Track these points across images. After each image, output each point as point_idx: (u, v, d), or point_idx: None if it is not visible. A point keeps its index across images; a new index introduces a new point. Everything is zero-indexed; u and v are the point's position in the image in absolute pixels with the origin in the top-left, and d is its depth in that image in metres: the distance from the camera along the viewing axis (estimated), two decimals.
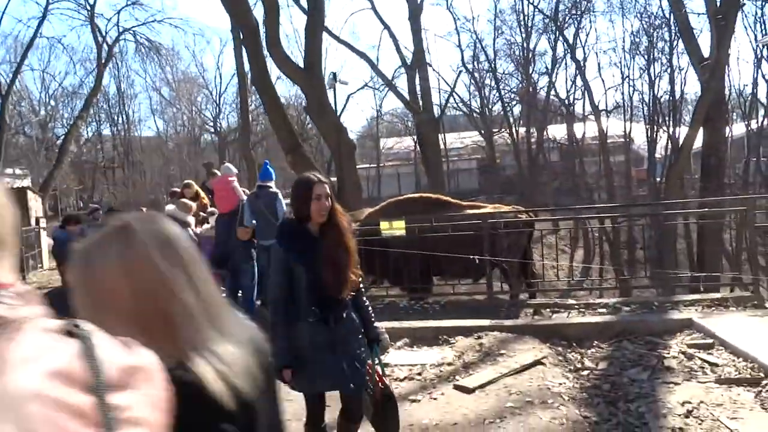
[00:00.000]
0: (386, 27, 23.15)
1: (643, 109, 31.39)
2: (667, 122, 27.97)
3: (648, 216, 11.28)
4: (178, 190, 8.73)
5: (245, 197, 6.68)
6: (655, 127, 29.45)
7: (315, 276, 2.70)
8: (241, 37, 11.47)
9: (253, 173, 20.95)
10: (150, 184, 29.59)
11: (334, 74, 10.41)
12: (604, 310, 6.46)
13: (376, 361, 3.03)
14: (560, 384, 4.54)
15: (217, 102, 38.57)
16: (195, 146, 39.76)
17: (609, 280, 20.77)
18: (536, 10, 28.19)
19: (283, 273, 2.74)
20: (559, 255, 14.86)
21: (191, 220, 7.66)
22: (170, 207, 7.77)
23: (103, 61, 23.63)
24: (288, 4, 18.72)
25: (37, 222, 17.93)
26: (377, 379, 3.01)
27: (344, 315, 2.83)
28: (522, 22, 30.00)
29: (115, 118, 37.10)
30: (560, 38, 27.38)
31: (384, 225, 7.34)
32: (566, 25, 27.72)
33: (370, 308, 3.08)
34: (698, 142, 16.03)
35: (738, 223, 8.76)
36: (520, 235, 7.31)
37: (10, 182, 21.86)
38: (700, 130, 14.96)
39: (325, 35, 24.03)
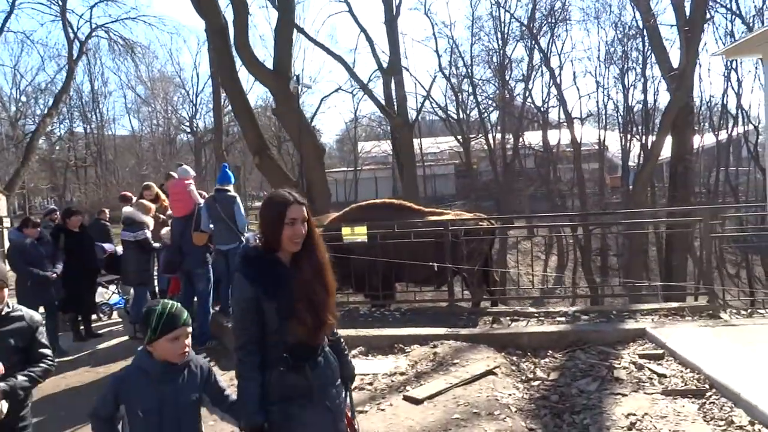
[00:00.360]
0: (363, 30, 23.13)
1: (617, 117, 31.93)
2: (640, 131, 28.41)
3: (617, 224, 11.34)
4: (129, 194, 8.55)
5: (202, 201, 6.53)
6: (629, 135, 29.93)
7: (287, 316, 2.21)
8: (208, 37, 11.27)
9: None
10: (122, 184, 29.06)
11: (297, 77, 10.28)
12: (562, 318, 6.46)
13: (347, 402, 2.55)
14: (510, 395, 4.50)
15: (194, 102, 38.24)
16: (170, 146, 39.29)
17: (582, 287, 21.09)
18: (512, 17, 28.40)
19: (249, 312, 2.22)
20: (534, 261, 15.04)
21: (150, 221, 7.51)
22: (128, 209, 7.60)
23: (74, 57, 23.15)
24: (265, 5, 18.60)
25: (0, 221, 17.47)
26: (347, 425, 2.55)
27: (321, 360, 2.37)
28: (498, 29, 30.29)
29: (89, 116, 36.48)
30: (535, 46, 27.62)
31: (345, 230, 7.24)
32: (541, 33, 28.02)
33: (344, 344, 2.60)
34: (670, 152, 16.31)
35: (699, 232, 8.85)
36: (481, 242, 7.29)
37: None
38: (669, 140, 15.21)
39: (301, 37, 23.96)
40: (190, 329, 2.34)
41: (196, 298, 6.53)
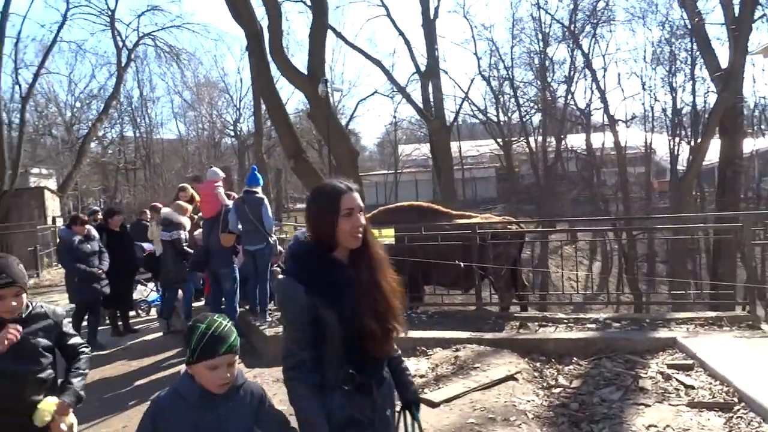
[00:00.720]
0: (401, 34, 23.22)
1: (665, 119, 30.91)
2: (689, 134, 27.43)
3: (656, 229, 10.97)
4: (160, 205, 8.82)
5: (229, 203, 6.68)
6: (677, 138, 28.94)
7: (353, 326, 1.89)
8: (246, 42, 11.54)
9: (265, 178, 21.15)
10: (167, 187, 29.97)
11: (326, 81, 10.39)
12: (593, 325, 6.31)
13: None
14: (528, 401, 4.43)
15: (238, 106, 39.04)
16: (215, 150, 40.28)
17: (626, 293, 20.47)
18: (553, 19, 27.89)
19: (305, 324, 1.88)
20: (576, 267, 14.73)
21: (186, 221, 7.71)
22: (166, 210, 7.83)
23: (123, 65, 24.05)
24: (305, 11, 18.89)
25: (54, 221, 18.31)
26: None
27: (386, 376, 2.08)
28: (539, 31, 29.79)
29: (138, 120, 37.79)
30: (577, 48, 27.06)
31: (373, 233, 7.27)
32: (583, 34, 27.42)
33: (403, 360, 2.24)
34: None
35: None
36: (509, 246, 7.19)
37: (36, 181, 22.41)
38: (718, 143, 14.65)
39: (339, 42, 24.19)
40: (235, 357, 1.92)
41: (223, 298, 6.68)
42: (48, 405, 2.45)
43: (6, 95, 25.48)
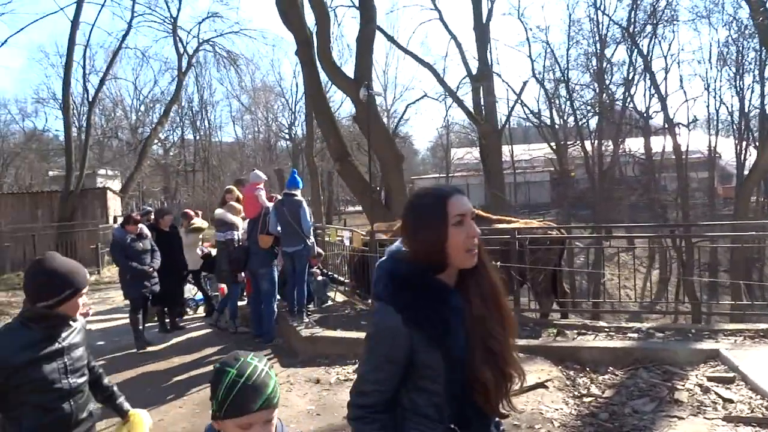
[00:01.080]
0: (453, 37, 23.10)
1: (732, 123, 29.49)
2: (755, 138, 26.08)
3: (710, 237, 10.50)
4: (192, 212, 9.13)
5: (269, 204, 6.86)
6: (744, 142, 27.55)
7: (461, 370, 1.51)
8: (296, 48, 11.82)
9: (316, 181, 21.49)
10: (224, 188, 30.97)
11: (367, 85, 10.49)
12: (634, 335, 6.12)
13: None
14: (556, 409, 4.36)
15: (293, 110, 39.83)
16: (270, 153, 41.25)
17: (686, 303, 19.61)
18: (611, 20, 27.09)
19: (394, 364, 1.52)
20: (633, 274, 14.31)
21: (239, 221, 7.92)
22: (219, 211, 8.09)
23: (183, 70, 25.04)
24: (357, 15, 19.13)
25: (115, 220, 19.25)
26: None
27: None
28: (597, 32, 29.01)
29: (197, 123, 39.20)
30: (635, 49, 26.20)
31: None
32: (644, 35, 26.52)
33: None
34: None
35: None
36: (549, 251, 7.06)
37: (102, 182, 23.63)
38: None
39: (391, 46, 24.25)
40: (274, 413, 1.51)
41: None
42: (145, 419, 2.60)
43: (76, 100, 27.12)
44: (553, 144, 32.13)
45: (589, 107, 32.01)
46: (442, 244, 1.51)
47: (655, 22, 25.59)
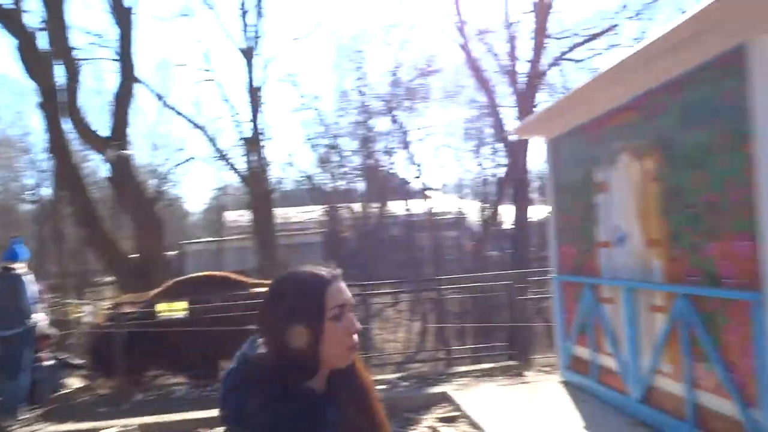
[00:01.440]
0: (225, 99, 23.10)
1: (474, 187, 34.42)
2: (494, 200, 30.78)
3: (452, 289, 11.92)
4: None
5: None
6: (484, 203, 32.31)
7: None
8: (39, 100, 10.61)
9: (62, 249, 19.10)
10: None
11: (118, 144, 9.97)
12: (384, 386, 6.51)
13: None
14: None
15: (43, 168, 35.26)
16: (9, 216, 35.66)
17: (441, 351, 21.61)
18: (372, 95, 29.98)
19: None
20: (397, 328, 15.29)
21: None
22: None
23: None
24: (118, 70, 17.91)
25: None
26: None
27: None
28: (363, 104, 31.77)
29: None
30: (394, 122, 29.34)
31: (161, 307, 6.89)
32: (400, 109, 29.84)
33: None
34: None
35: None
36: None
37: None
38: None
39: (161, 105, 23.27)
40: None
41: None
42: None
43: None
44: (325, 206, 33.70)
45: (357, 171, 34.50)
46: (316, 344, 1.20)
47: (411, 99, 29.05)
